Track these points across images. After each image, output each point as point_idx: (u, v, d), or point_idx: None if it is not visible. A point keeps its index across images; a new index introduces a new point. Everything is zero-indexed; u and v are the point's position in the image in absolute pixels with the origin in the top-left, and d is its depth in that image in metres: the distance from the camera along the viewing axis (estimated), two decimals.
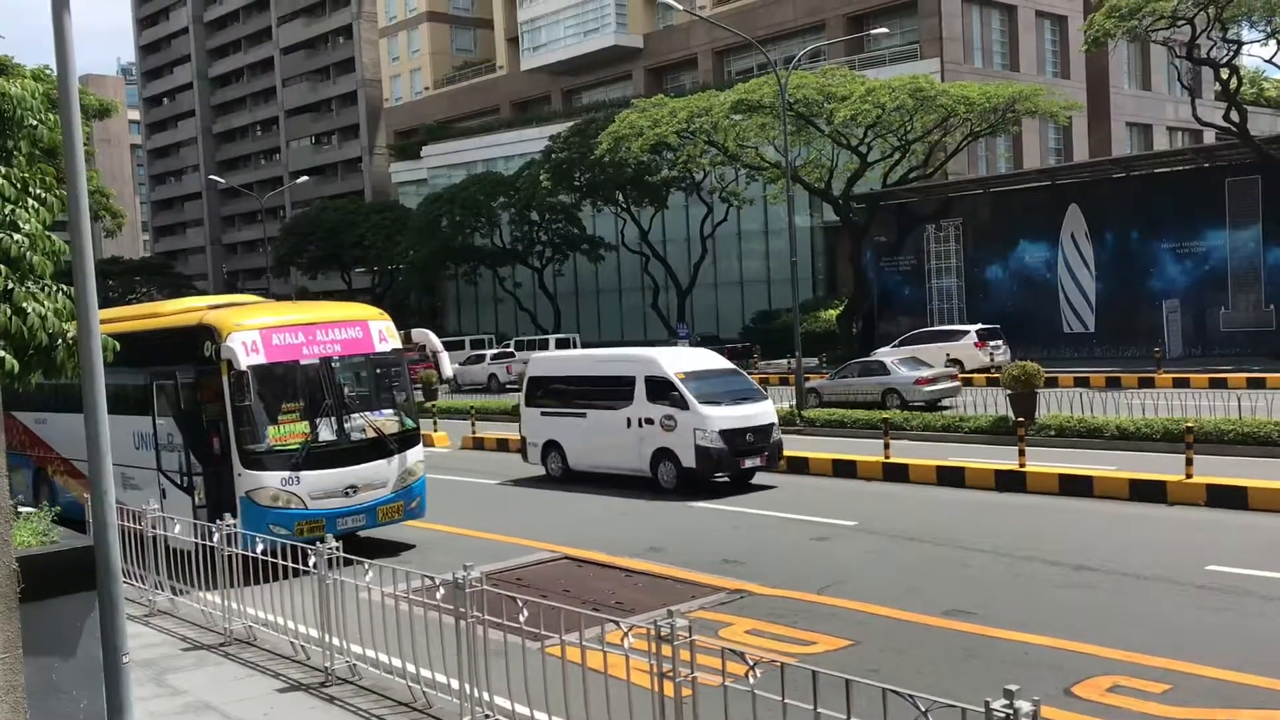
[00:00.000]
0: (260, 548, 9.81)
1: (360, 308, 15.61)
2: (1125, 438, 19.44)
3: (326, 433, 13.99)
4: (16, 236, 7.38)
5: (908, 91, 38.69)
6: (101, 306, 7.97)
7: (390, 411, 14.86)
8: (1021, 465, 17.35)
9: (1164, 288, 36.64)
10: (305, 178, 77.49)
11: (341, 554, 8.97)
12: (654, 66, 64.18)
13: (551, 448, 20.51)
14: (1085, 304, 38.78)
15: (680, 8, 35.02)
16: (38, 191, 8.49)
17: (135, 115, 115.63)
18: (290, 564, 9.35)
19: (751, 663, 5.62)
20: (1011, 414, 21.12)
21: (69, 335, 7.79)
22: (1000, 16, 54.28)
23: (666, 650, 6.18)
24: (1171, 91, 58.59)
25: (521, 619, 7.16)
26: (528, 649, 7.38)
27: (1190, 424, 17.28)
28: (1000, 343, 35.03)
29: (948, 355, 33.83)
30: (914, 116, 39.95)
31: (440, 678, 8.08)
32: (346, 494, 13.98)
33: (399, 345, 15.04)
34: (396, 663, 8.45)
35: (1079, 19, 51.58)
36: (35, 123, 8.40)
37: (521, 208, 54.69)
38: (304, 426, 13.83)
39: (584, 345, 48.20)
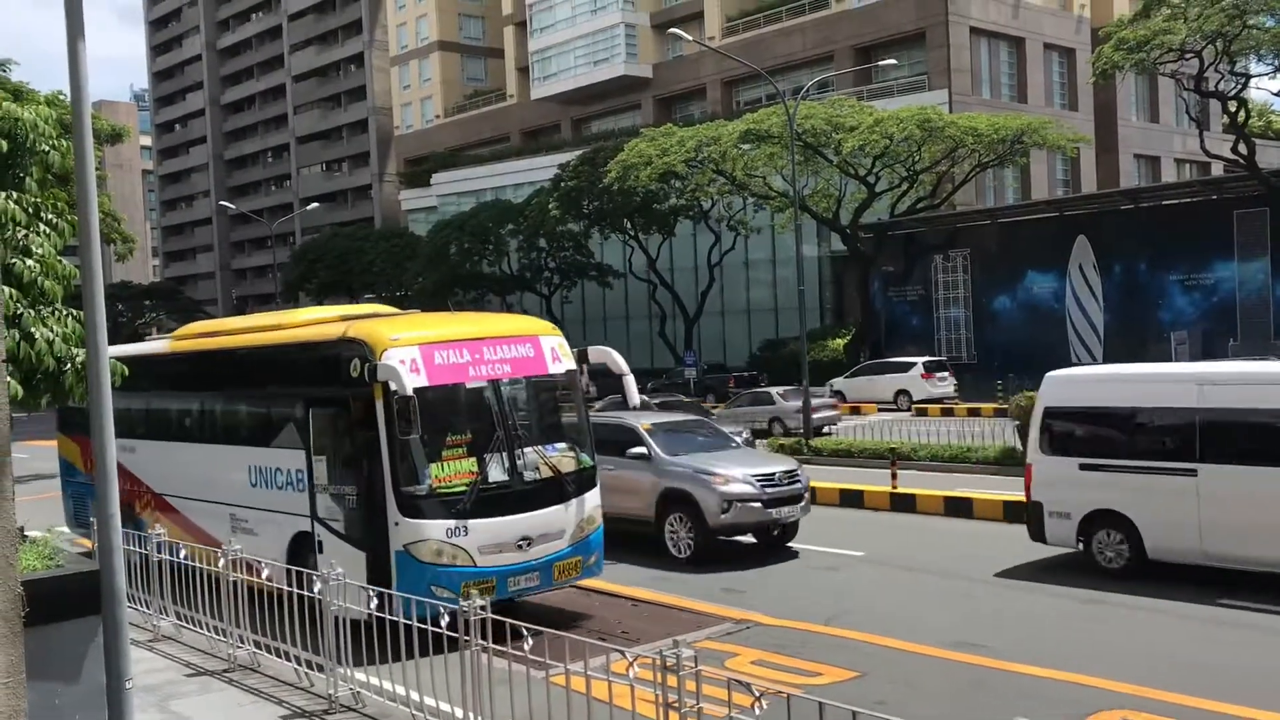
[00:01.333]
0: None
1: (529, 320, 13.31)
2: None
3: (497, 472, 11.58)
4: (28, 261, 7.41)
5: (916, 122, 38.82)
6: (110, 331, 7.97)
7: (565, 445, 12.48)
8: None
9: (1172, 319, 36.60)
10: (315, 204, 77.84)
11: (346, 580, 8.94)
12: (663, 96, 64.51)
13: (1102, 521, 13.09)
14: (1094, 335, 38.73)
15: (689, 39, 35.26)
16: (49, 216, 8.55)
17: (147, 141, 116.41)
18: (294, 590, 9.31)
19: (757, 694, 5.59)
20: (1020, 445, 21.04)
21: (78, 360, 7.81)
22: (1008, 49, 54.52)
23: (672, 680, 6.15)
24: (1179, 124, 58.70)
25: (526, 647, 7.12)
26: (532, 678, 7.34)
27: None
28: (947, 374, 36.41)
29: (897, 389, 36.69)
30: (922, 147, 40.09)
31: (445, 706, 8.03)
32: (519, 547, 11.50)
33: (573, 366, 12.61)
34: (400, 690, 8.40)
35: (1087, 51, 51.78)
36: (48, 148, 8.46)
37: (530, 235, 54.84)
38: (470, 464, 11.44)
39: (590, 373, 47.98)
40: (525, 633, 7.18)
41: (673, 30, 38.92)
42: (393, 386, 10.80)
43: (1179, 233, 36.72)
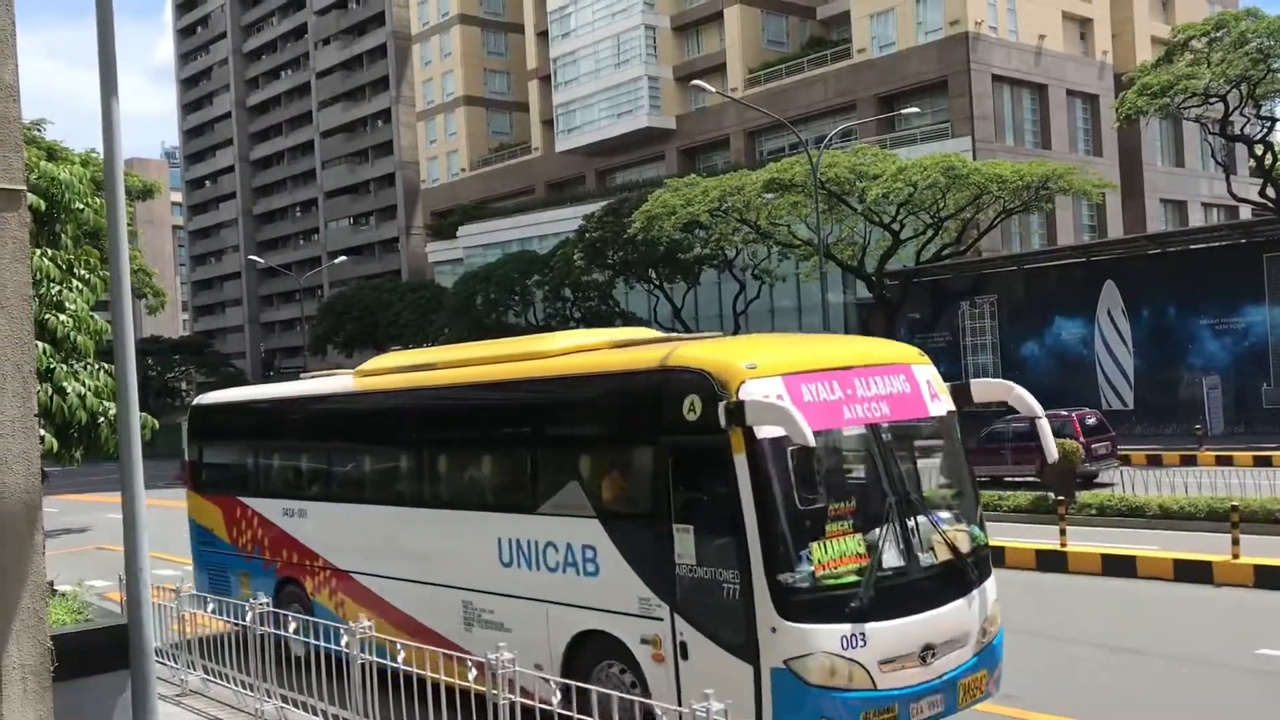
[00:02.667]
0: None
1: (894, 345, 10.26)
2: (1168, 516, 19.03)
3: (892, 555, 8.45)
4: (62, 317, 7.51)
5: (939, 170, 38.89)
6: (140, 386, 8.03)
7: (952, 515, 9.27)
8: (1063, 544, 17.05)
9: (1203, 364, 36.25)
10: (343, 258, 78.64)
11: (374, 634, 8.91)
12: (686, 147, 64.99)
13: None
14: (1124, 380, 38.41)
15: (713, 90, 35.55)
16: (82, 273, 8.68)
17: (177, 197, 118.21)
18: (320, 644, 9.27)
19: None
20: (1051, 492, 20.82)
21: (110, 414, 7.88)
22: (1031, 95, 54.67)
23: None
24: (1205, 168, 58.58)
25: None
26: None
27: (1236, 503, 16.92)
28: None
29: None
30: (946, 194, 40.12)
31: None
32: (923, 660, 8.35)
33: (952, 406, 9.46)
34: None
35: (1110, 97, 51.87)
36: (82, 206, 8.60)
37: (555, 285, 55.13)
38: (857, 544, 8.27)
39: None
40: None
41: (696, 83, 39.30)
42: (763, 433, 8.02)
43: (1208, 277, 36.46)
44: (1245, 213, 45.95)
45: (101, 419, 8.40)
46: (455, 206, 78.89)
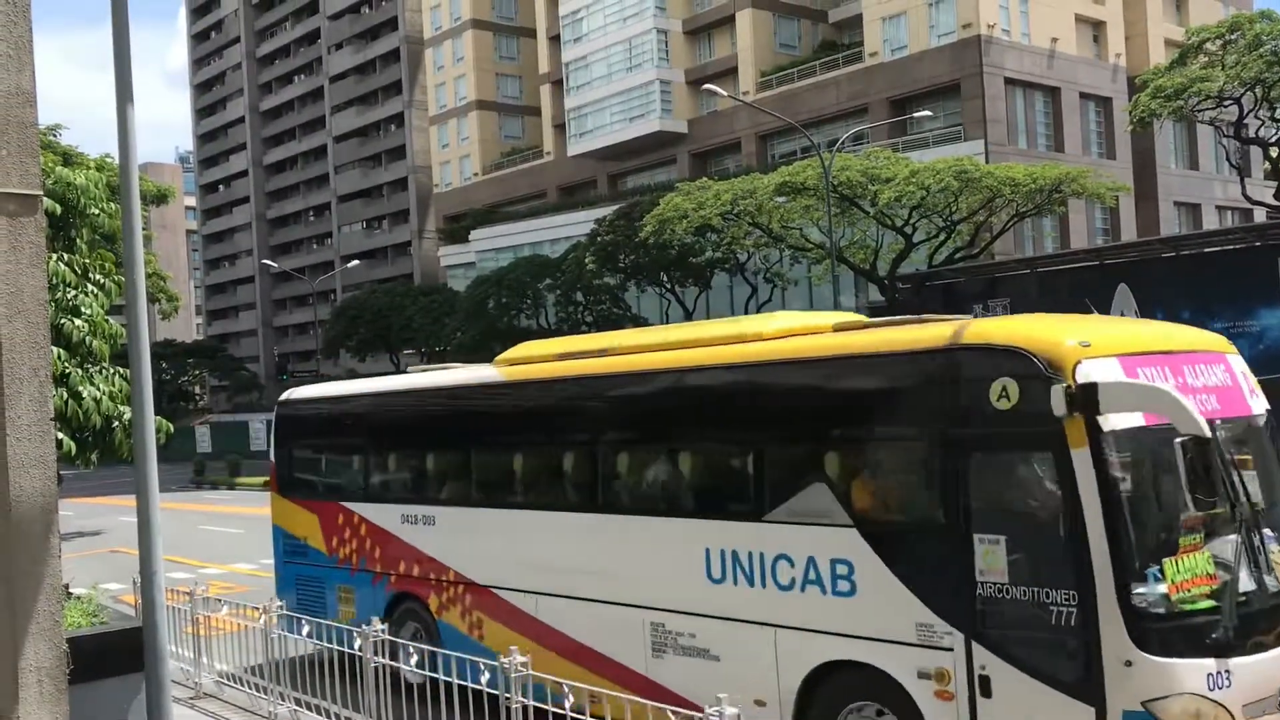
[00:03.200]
0: None
1: (1204, 333, 8.41)
2: None
3: (1245, 575, 7.05)
4: (77, 321, 7.55)
5: (952, 173, 38.81)
6: (154, 389, 8.07)
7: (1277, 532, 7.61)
8: None
9: None
10: (356, 261, 78.87)
11: (387, 637, 8.93)
12: (698, 150, 65.00)
13: None
14: None
15: (724, 94, 35.57)
16: (97, 277, 8.73)
17: (191, 202, 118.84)
18: (335, 647, 9.29)
19: None
20: None
21: (125, 417, 7.92)
22: (1044, 98, 54.54)
23: None
24: (1220, 171, 58.32)
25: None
26: None
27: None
28: None
29: None
30: (959, 198, 40.03)
31: None
32: None
33: (1267, 404, 8.10)
34: None
35: (1123, 100, 51.71)
36: (97, 211, 8.66)
37: (567, 289, 55.21)
38: (1206, 561, 6.89)
39: None
40: None
41: (707, 86, 39.36)
42: (1112, 423, 6.73)
43: (1222, 280, 36.21)
44: (1260, 215, 45.70)
45: (116, 423, 8.45)
46: (467, 210, 79.07)
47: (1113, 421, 6.75)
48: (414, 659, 8.49)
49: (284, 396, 14.53)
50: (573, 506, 10.20)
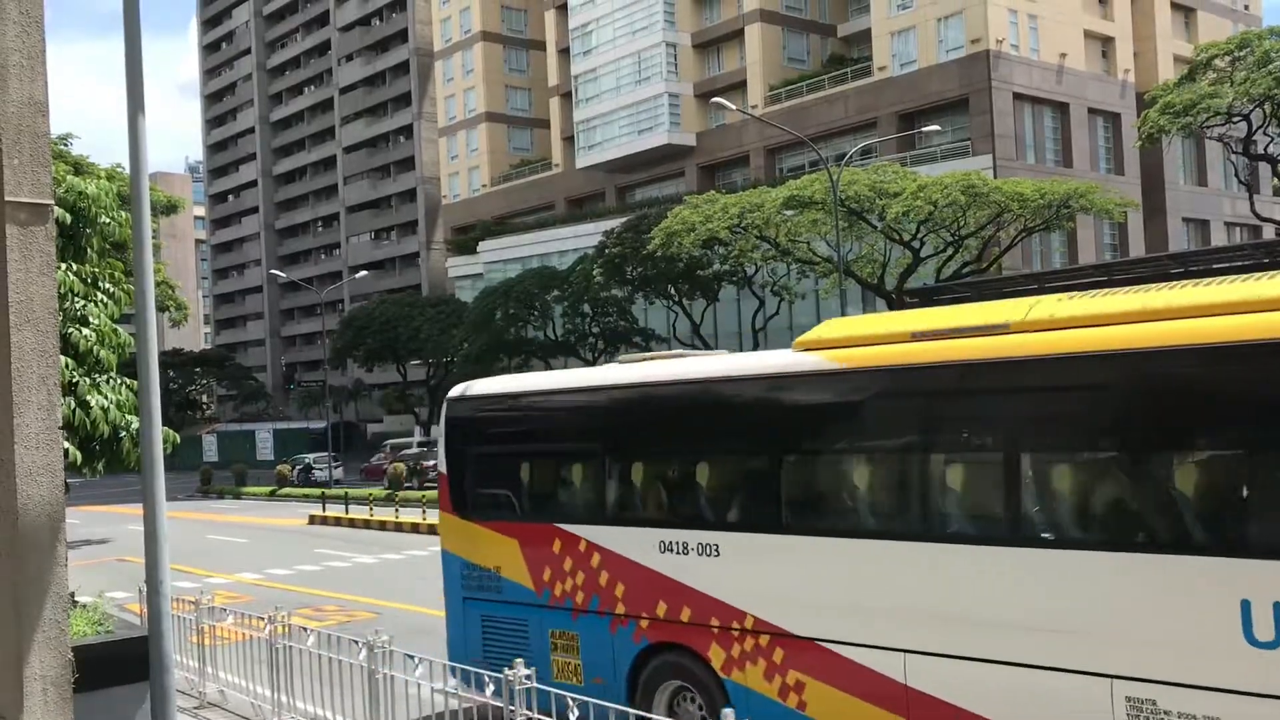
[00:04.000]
0: None
1: None
2: None
3: None
4: (85, 331, 7.57)
5: (960, 188, 38.81)
6: (161, 398, 8.11)
7: None
8: None
9: None
10: (364, 272, 79.14)
11: (391, 648, 8.93)
12: (706, 164, 65.12)
13: None
14: None
15: (733, 107, 35.63)
16: (106, 286, 8.76)
17: (201, 211, 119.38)
18: (339, 657, 9.31)
19: None
20: None
21: (132, 427, 7.93)
22: (1052, 114, 54.57)
23: None
24: (1229, 187, 58.28)
25: (573, 718, 7.03)
26: None
27: None
28: None
29: None
30: (967, 212, 40.03)
31: None
32: None
33: None
34: None
35: (1132, 116, 51.71)
36: (108, 220, 8.69)
37: (574, 301, 55.28)
38: None
39: None
40: (572, 702, 6.99)
41: (716, 100, 39.38)
42: None
43: None
44: (1269, 232, 45.66)
45: (124, 432, 8.47)
46: (476, 222, 79.26)
47: None
48: None
49: (457, 392, 11.51)
50: (984, 537, 7.50)
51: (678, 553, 8.90)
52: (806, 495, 8.80)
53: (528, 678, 7.31)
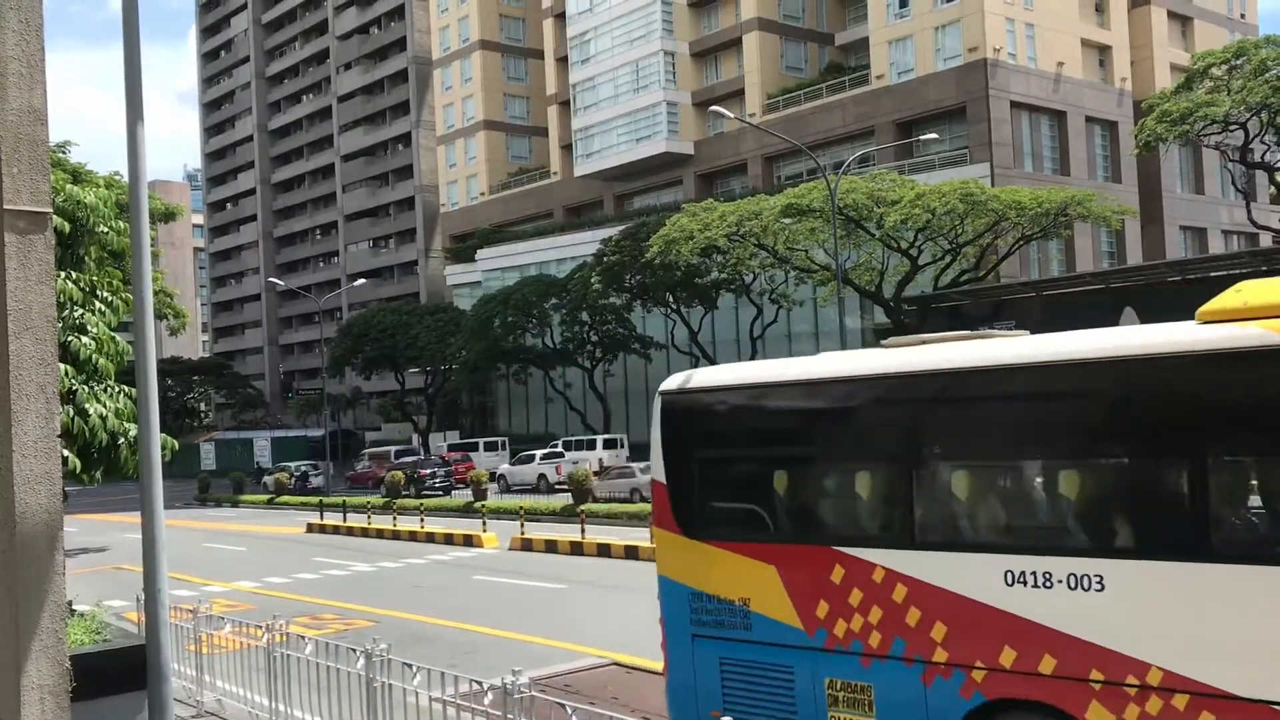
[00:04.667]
0: None
1: None
2: None
3: None
4: (84, 339, 7.57)
5: (958, 196, 38.89)
6: (160, 406, 8.13)
7: None
8: None
9: None
10: (362, 280, 79.13)
11: (389, 656, 8.91)
12: (704, 172, 65.21)
13: None
14: None
15: (731, 116, 35.68)
16: (105, 295, 8.76)
17: (199, 219, 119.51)
18: (337, 665, 9.30)
19: None
20: None
21: (130, 434, 7.93)
22: (1050, 122, 54.68)
23: None
24: (1225, 195, 58.41)
25: None
26: None
27: None
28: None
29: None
30: (964, 220, 40.10)
31: None
32: None
33: None
34: None
35: (1129, 124, 51.85)
36: (106, 229, 8.70)
37: (573, 309, 55.33)
38: None
39: (632, 446, 48.15)
40: (569, 711, 7.04)
41: (714, 108, 39.48)
42: None
43: None
44: (1265, 240, 45.75)
45: (122, 440, 8.46)
46: (474, 230, 79.35)
47: None
48: None
49: (676, 383, 9.32)
50: None
51: (1038, 585, 6.88)
52: (1261, 508, 6.48)
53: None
